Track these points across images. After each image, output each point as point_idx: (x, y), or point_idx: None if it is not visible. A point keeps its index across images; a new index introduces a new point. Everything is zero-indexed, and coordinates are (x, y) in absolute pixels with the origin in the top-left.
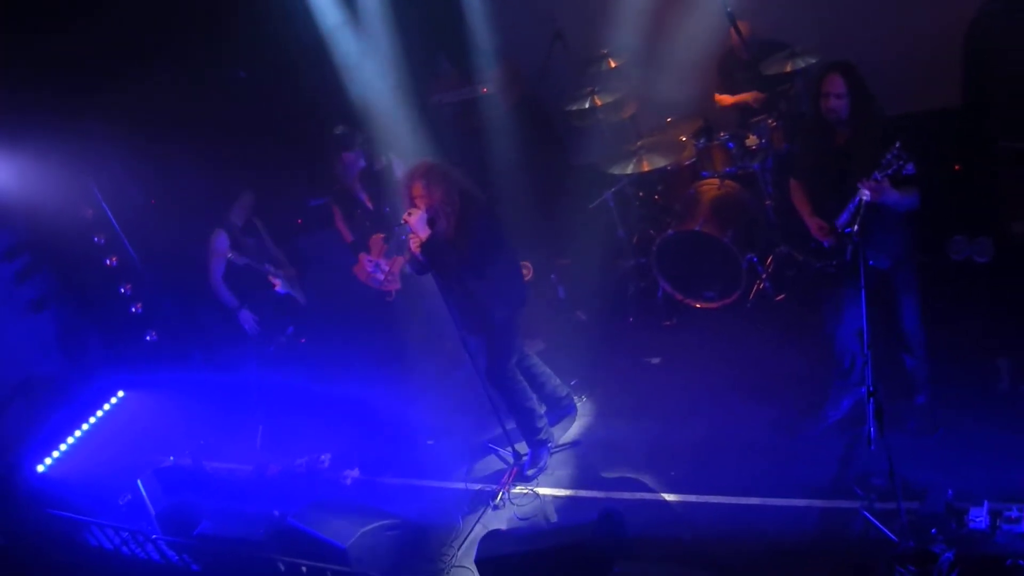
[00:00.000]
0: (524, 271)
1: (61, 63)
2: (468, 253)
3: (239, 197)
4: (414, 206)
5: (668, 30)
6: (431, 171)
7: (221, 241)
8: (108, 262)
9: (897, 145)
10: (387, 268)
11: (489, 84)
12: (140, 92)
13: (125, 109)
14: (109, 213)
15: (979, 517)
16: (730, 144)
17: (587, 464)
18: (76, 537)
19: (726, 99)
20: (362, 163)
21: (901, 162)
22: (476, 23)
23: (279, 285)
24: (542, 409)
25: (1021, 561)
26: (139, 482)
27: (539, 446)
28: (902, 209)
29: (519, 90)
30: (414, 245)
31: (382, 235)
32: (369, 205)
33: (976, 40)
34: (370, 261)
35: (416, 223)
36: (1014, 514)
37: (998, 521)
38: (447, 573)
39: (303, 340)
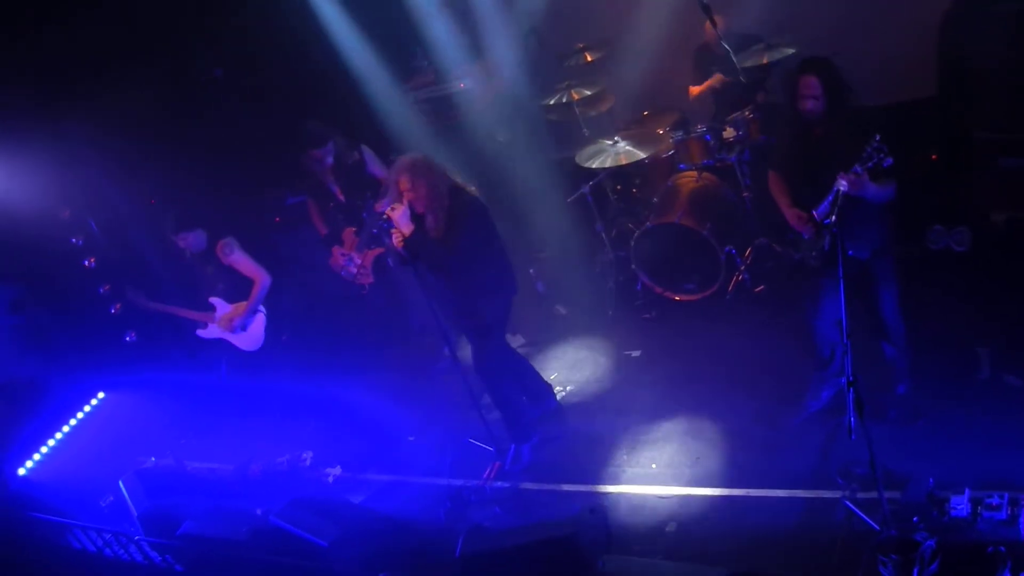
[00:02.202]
0: None
1: (37, 63)
2: (458, 248)
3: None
4: (401, 201)
5: (644, 24)
6: (416, 165)
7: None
8: (86, 263)
9: (877, 138)
10: (359, 261)
11: (466, 79)
12: (117, 93)
13: (102, 110)
14: (94, 225)
15: (960, 505)
16: (707, 136)
17: (569, 458)
18: (59, 540)
19: (694, 90)
20: (330, 160)
21: (881, 155)
22: (454, 18)
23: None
24: (526, 404)
25: (1002, 548)
26: (121, 483)
27: (522, 440)
28: (880, 201)
29: (496, 85)
30: (397, 240)
31: (354, 228)
32: (341, 198)
33: (952, 30)
34: (343, 254)
35: (399, 218)
36: (995, 501)
37: (979, 509)
38: (430, 569)
39: (284, 338)
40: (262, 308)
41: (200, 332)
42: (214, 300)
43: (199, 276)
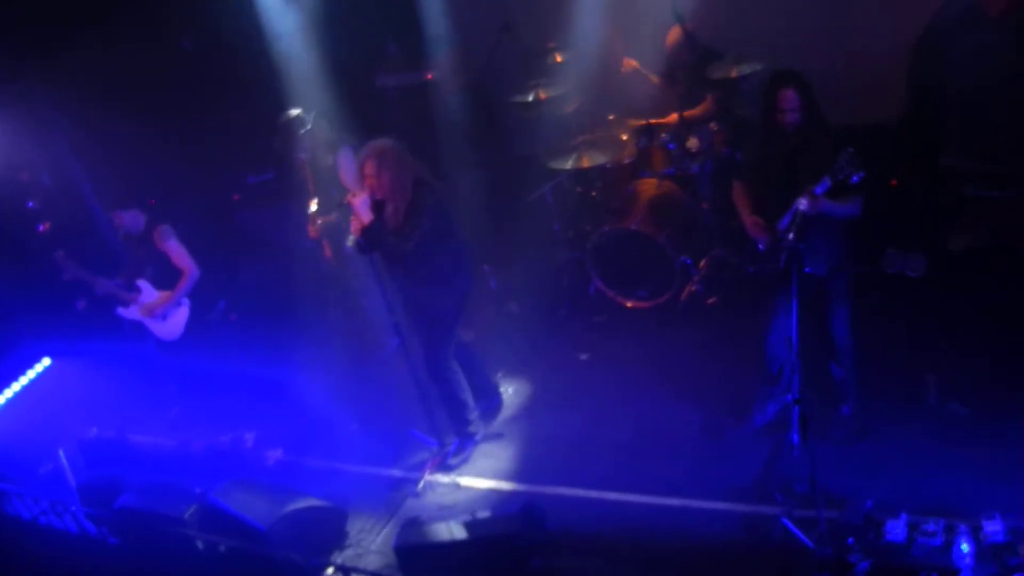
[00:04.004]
0: None
1: (2, 21)
2: (413, 242)
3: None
4: (362, 187)
5: (616, 28)
6: (384, 153)
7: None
8: (41, 228)
9: (850, 151)
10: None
11: (435, 70)
12: (84, 57)
13: (67, 74)
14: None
15: (897, 529)
16: (671, 145)
17: (510, 456)
18: None
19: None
20: (302, 155)
21: (852, 169)
22: (426, 8)
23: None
24: (472, 400)
25: (935, 574)
26: (61, 452)
27: (466, 437)
28: (844, 216)
29: (465, 78)
30: (354, 228)
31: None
32: (310, 187)
33: (922, 56)
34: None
35: (359, 205)
36: (931, 528)
37: (915, 534)
38: (365, 558)
39: (233, 318)
40: (186, 300)
41: (120, 311)
42: (141, 283)
43: (130, 256)
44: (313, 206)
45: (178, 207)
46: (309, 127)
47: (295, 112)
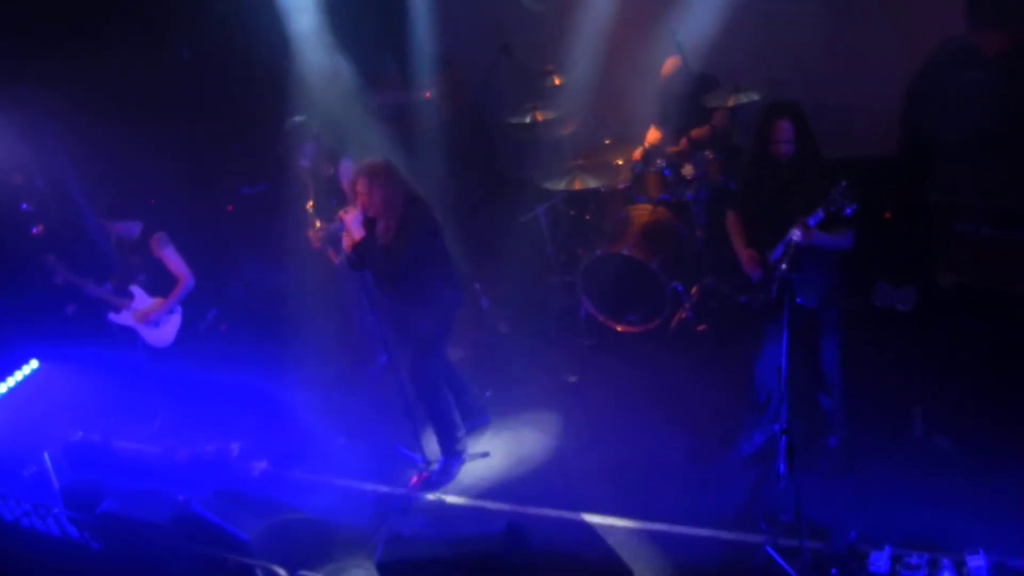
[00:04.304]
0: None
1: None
2: (402, 260)
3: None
4: (355, 204)
5: (614, 54)
6: (376, 171)
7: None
8: (34, 230)
9: (844, 184)
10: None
11: (432, 89)
12: (82, 64)
13: (65, 80)
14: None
15: (880, 561)
16: (666, 172)
17: (496, 476)
18: None
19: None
20: (305, 163)
21: (845, 200)
22: (424, 27)
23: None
24: (459, 418)
25: None
26: (46, 455)
27: (451, 454)
28: (835, 249)
29: (461, 98)
30: (346, 244)
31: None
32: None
33: (918, 93)
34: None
35: (351, 222)
36: (914, 561)
37: (898, 567)
38: (348, 573)
39: (223, 328)
40: (179, 308)
41: (112, 316)
42: (134, 289)
43: (121, 261)
44: (310, 208)
45: (170, 215)
46: (315, 134)
47: (301, 118)
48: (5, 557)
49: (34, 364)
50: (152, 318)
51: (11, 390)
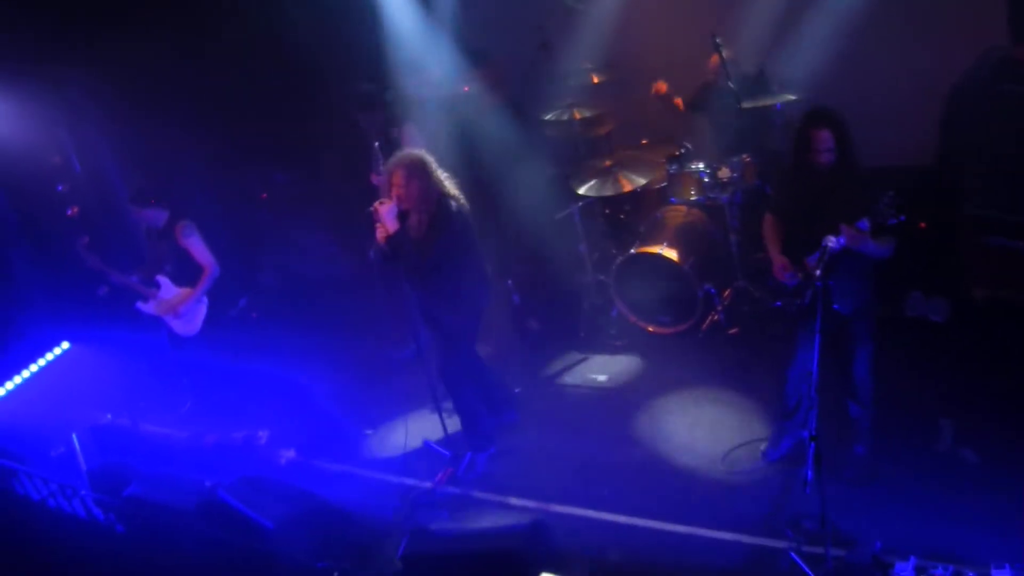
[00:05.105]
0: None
1: (44, 7)
2: (432, 254)
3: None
4: (390, 195)
5: (653, 53)
6: (414, 163)
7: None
8: (69, 212)
9: (891, 194)
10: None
11: (471, 83)
12: (121, 48)
13: (104, 64)
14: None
15: (904, 572)
16: (703, 174)
17: (522, 472)
18: (3, 483)
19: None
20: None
21: (892, 212)
22: (466, 21)
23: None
24: (487, 414)
25: None
26: (74, 436)
27: (478, 450)
28: (878, 256)
29: (500, 93)
30: (380, 235)
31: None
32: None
33: (956, 104)
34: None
35: (385, 214)
36: (939, 572)
37: None
38: (372, 565)
39: (254, 315)
40: (205, 298)
41: (140, 305)
42: (161, 279)
43: (150, 250)
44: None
45: (202, 202)
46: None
47: (368, 87)
48: (32, 536)
49: (65, 345)
50: (181, 310)
51: (41, 370)
